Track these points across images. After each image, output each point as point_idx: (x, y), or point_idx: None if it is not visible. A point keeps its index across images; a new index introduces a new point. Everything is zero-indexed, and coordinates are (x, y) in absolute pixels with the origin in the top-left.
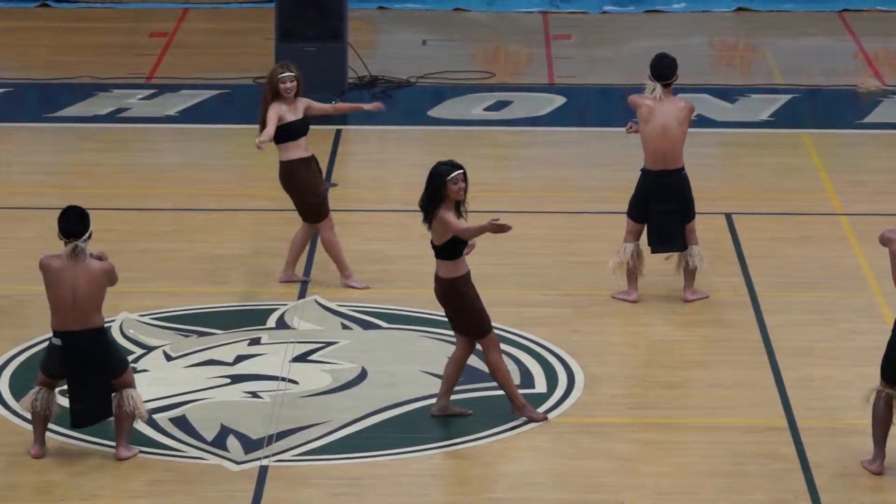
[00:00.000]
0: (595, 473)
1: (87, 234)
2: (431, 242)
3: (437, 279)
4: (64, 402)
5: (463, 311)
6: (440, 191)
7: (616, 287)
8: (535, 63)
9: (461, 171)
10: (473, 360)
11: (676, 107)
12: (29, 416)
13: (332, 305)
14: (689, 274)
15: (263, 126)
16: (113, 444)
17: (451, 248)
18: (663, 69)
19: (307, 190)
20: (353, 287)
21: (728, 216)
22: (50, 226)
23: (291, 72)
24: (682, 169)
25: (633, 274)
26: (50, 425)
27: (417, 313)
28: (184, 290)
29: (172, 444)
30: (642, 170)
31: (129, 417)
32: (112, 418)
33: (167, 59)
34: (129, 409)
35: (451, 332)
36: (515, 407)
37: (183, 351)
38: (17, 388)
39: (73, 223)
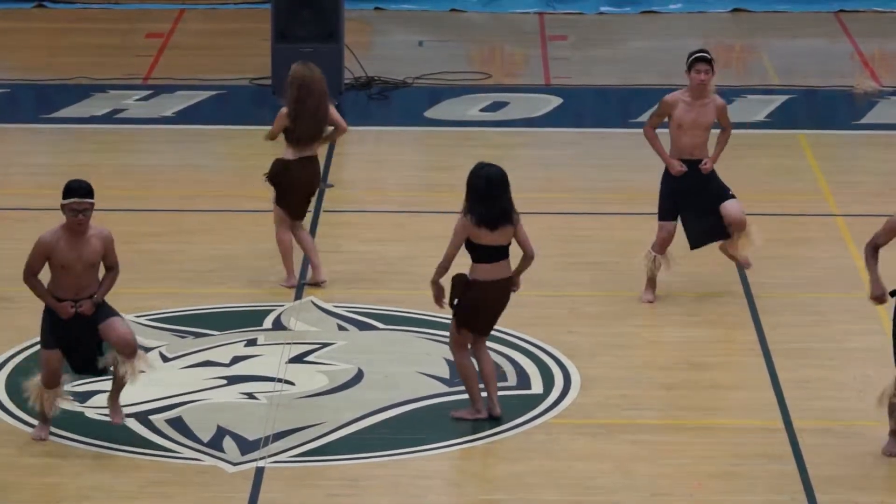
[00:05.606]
0: (591, 474)
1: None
2: (495, 245)
3: (502, 280)
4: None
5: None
6: None
7: (612, 288)
8: (531, 64)
9: None
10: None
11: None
12: (32, 415)
13: (329, 306)
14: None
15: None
16: (108, 444)
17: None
18: None
19: None
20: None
21: None
22: (47, 226)
23: None
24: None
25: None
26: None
27: (414, 314)
28: (180, 292)
29: (168, 445)
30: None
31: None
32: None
33: (163, 60)
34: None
35: (446, 333)
36: (494, 406)
37: (179, 352)
38: (13, 390)
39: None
